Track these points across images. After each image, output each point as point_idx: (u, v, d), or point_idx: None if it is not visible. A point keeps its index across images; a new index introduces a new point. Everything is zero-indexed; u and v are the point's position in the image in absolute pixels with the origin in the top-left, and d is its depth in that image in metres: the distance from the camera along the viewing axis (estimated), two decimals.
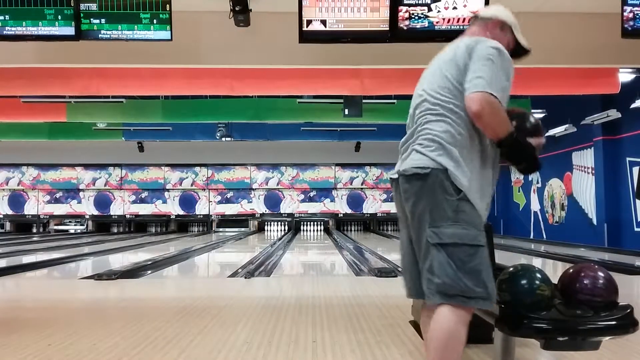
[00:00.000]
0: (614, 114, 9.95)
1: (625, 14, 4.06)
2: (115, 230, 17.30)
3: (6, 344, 3.02)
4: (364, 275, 6.28)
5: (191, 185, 17.00)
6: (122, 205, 17.01)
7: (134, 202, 17.04)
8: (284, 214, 17.11)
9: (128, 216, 17.05)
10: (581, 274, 1.95)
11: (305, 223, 17.20)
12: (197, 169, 16.95)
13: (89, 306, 4.36)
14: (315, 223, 17.18)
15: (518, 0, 4.82)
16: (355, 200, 17.13)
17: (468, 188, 1.79)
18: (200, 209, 17.05)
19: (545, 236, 13.47)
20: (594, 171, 11.17)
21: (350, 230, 17.18)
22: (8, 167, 16.71)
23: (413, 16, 4.07)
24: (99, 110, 10.59)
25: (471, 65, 1.81)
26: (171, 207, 17.03)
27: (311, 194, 17.13)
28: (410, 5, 4.09)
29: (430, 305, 1.83)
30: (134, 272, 6.34)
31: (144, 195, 17.04)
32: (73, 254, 9.18)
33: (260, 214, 17.09)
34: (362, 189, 17.12)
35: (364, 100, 9.51)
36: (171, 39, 4.29)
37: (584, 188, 11.66)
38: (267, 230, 17.06)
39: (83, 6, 4.21)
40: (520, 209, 15.04)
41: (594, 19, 4.90)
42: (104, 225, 17.34)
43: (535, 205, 14.10)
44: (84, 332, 3.27)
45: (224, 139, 13.58)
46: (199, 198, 17.06)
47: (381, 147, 16.12)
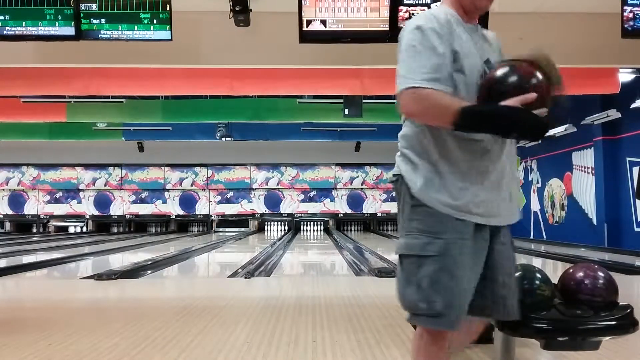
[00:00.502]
0: (614, 114, 9.94)
1: (625, 14, 4.06)
2: (115, 230, 17.29)
3: (6, 344, 3.02)
4: (364, 275, 6.28)
5: (191, 185, 17.00)
6: (122, 205, 17.01)
7: (134, 202, 17.03)
8: (284, 214, 17.10)
9: (128, 216, 17.04)
10: (581, 274, 1.95)
11: (305, 223, 17.19)
12: (197, 169, 16.94)
13: (89, 306, 4.36)
14: (315, 223, 17.17)
15: (518, 0, 4.84)
16: (355, 200, 17.12)
17: (423, 189, 1.59)
18: (200, 209, 17.05)
19: (545, 236, 13.46)
20: (594, 171, 11.16)
21: (350, 230, 17.17)
22: (8, 167, 16.70)
23: (413, 16, 4.07)
24: (99, 110, 10.59)
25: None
26: (171, 207, 17.02)
27: (311, 194, 17.13)
28: (410, 5, 4.09)
29: None
30: (134, 272, 6.34)
31: (144, 195, 17.04)
32: (73, 254, 9.17)
33: (260, 214, 17.08)
34: (362, 189, 17.11)
35: (364, 100, 9.51)
36: (171, 39, 4.30)
37: (584, 188, 11.65)
38: (267, 230, 17.05)
39: (83, 6, 4.21)
40: (520, 209, 15.01)
41: (594, 19, 4.90)
42: (104, 225, 17.33)
43: (535, 205, 14.09)
44: (84, 332, 3.27)
45: (224, 139, 13.58)
46: (199, 198, 17.06)
47: (381, 147, 16.10)
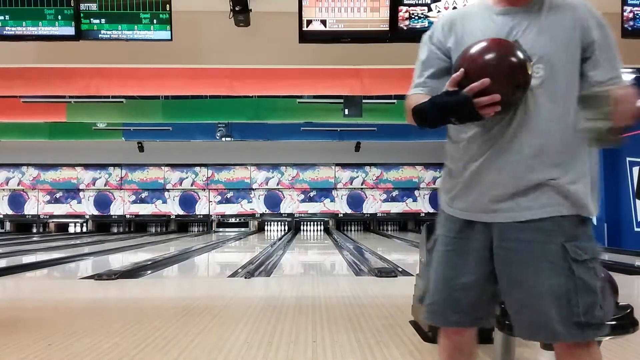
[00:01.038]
0: None
1: (625, 14, 4.06)
2: (115, 230, 17.28)
3: (6, 344, 3.02)
4: (364, 275, 6.27)
5: (191, 185, 16.99)
6: (122, 205, 17.00)
7: (134, 202, 17.02)
8: (284, 214, 17.09)
9: (128, 216, 17.03)
10: None
11: (305, 223, 17.18)
12: (197, 169, 16.94)
13: (89, 306, 4.36)
14: (315, 223, 17.16)
15: None
16: (355, 200, 17.11)
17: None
18: (200, 209, 17.04)
19: None
20: None
21: (350, 230, 17.16)
22: (8, 167, 16.69)
23: (413, 16, 4.08)
24: (99, 110, 10.60)
25: None
26: (171, 207, 17.01)
27: (311, 194, 17.12)
28: (410, 5, 4.09)
29: None
30: (134, 272, 6.34)
31: (144, 195, 17.03)
32: (73, 254, 9.17)
33: (260, 214, 17.08)
34: (362, 189, 17.10)
35: (364, 100, 9.51)
36: (171, 39, 4.30)
37: None
38: (267, 230, 17.05)
39: (83, 6, 4.21)
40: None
41: None
42: (104, 225, 17.32)
43: None
44: (84, 332, 3.27)
45: (224, 139, 13.57)
46: (199, 198, 17.05)
47: (381, 147, 16.10)
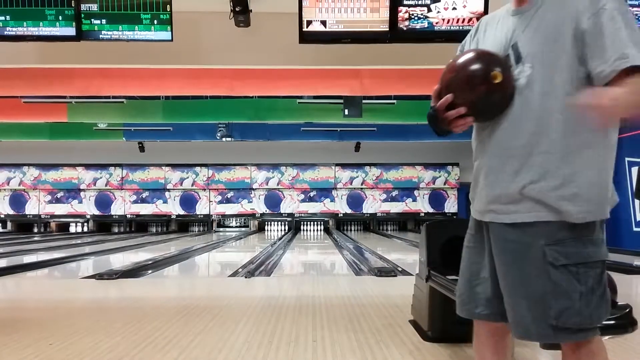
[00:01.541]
0: None
1: None
2: (116, 230, 17.29)
3: (6, 343, 3.03)
4: (364, 275, 6.28)
5: (192, 185, 16.99)
6: (123, 205, 17.01)
7: (135, 202, 17.03)
8: (284, 213, 17.10)
9: (129, 216, 17.05)
10: None
11: (305, 223, 17.19)
12: (198, 169, 16.95)
13: (90, 306, 4.37)
14: (315, 223, 17.17)
15: None
16: (355, 200, 17.12)
17: None
18: (201, 209, 17.05)
19: None
20: None
21: (350, 230, 17.17)
22: (9, 167, 16.70)
23: (413, 17, 4.09)
24: (99, 111, 10.62)
25: None
26: (172, 207, 17.02)
27: (311, 194, 17.12)
28: (410, 5, 4.10)
29: None
30: (134, 272, 6.35)
31: (145, 195, 17.04)
32: (74, 254, 9.18)
33: (260, 213, 17.09)
34: (362, 189, 17.11)
35: (364, 100, 9.52)
36: (172, 40, 4.31)
37: None
38: (267, 230, 17.06)
39: (84, 7, 4.23)
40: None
41: None
42: (104, 225, 17.34)
43: None
44: (84, 332, 3.28)
45: (224, 139, 13.59)
46: (200, 198, 17.06)
47: (381, 147, 16.11)
